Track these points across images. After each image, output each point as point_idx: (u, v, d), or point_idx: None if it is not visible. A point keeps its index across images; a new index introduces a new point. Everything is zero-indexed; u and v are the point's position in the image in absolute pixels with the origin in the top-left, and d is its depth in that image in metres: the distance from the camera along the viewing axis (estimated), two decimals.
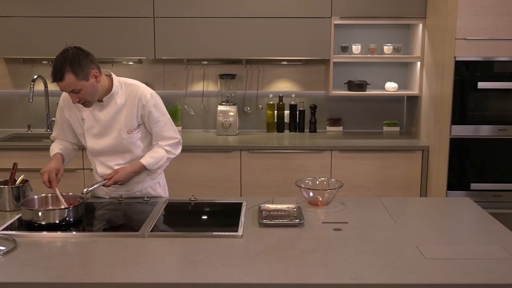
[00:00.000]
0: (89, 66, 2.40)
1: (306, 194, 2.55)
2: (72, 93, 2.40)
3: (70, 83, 2.35)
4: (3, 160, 3.88)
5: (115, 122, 2.56)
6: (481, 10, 3.45)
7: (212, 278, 1.77)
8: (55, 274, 1.80)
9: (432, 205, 2.71)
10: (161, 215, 2.40)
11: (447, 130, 3.63)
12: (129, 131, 2.57)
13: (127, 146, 2.60)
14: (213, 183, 3.97)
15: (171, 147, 2.64)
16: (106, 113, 2.56)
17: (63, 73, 2.33)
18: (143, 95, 2.55)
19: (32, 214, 2.22)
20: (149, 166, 2.59)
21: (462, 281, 1.76)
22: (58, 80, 2.35)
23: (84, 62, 2.38)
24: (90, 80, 2.41)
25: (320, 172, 3.93)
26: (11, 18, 4.06)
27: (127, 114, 2.56)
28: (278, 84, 4.51)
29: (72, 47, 2.40)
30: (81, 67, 2.36)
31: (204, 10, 4.03)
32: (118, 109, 2.56)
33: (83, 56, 2.38)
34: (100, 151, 2.61)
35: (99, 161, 2.65)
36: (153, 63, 4.44)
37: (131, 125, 2.57)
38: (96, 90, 2.46)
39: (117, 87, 2.55)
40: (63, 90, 2.41)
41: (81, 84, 2.37)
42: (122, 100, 2.56)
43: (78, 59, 2.36)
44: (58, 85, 2.38)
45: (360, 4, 4.02)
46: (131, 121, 2.57)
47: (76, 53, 2.37)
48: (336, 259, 1.92)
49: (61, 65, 2.33)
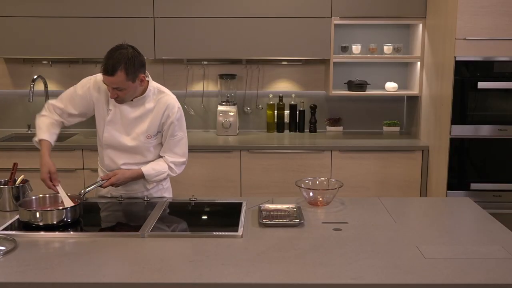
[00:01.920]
0: (140, 70, 2.43)
1: (306, 194, 2.55)
2: (115, 89, 2.40)
3: (118, 80, 2.36)
4: (3, 160, 3.88)
5: (138, 124, 2.57)
6: (481, 10, 3.45)
7: (212, 278, 1.77)
8: (55, 274, 1.80)
9: (432, 205, 2.71)
10: (161, 215, 2.40)
11: (447, 130, 3.63)
12: (148, 136, 2.57)
13: (141, 149, 2.60)
14: (213, 183, 3.97)
15: (175, 165, 2.63)
16: (132, 113, 2.56)
17: (116, 69, 2.33)
18: (171, 106, 2.57)
19: (30, 214, 2.22)
20: (148, 176, 2.59)
21: (462, 281, 1.76)
22: (109, 74, 2.34)
23: (138, 65, 2.40)
24: (136, 82, 2.43)
25: (320, 172, 3.93)
26: (11, 18, 4.06)
27: (152, 120, 2.56)
28: (278, 84, 4.51)
29: (130, 46, 2.42)
30: (134, 68, 2.38)
31: (204, 10, 4.03)
32: (145, 113, 2.56)
33: (138, 59, 2.40)
34: (114, 146, 2.60)
35: (108, 155, 2.63)
36: (153, 63, 4.44)
37: (152, 131, 2.57)
38: (136, 92, 2.48)
39: (150, 91, 2.56)
40: (107, 85, 2.40)
41: (127, 84, 2.39)
42: (151, 105, 2.56)
43: (133, 61, 2.38)
44: (106, 79, 2.37)
45: (360, 4, 4.02)
46: (154, 127, 2.57)
47: (134, 54, 2.39)
48: (336, 259, 1.92)
49: (117, 61, 2.34)
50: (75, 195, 2.42)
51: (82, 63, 4.45)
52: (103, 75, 2.38)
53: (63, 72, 4.48)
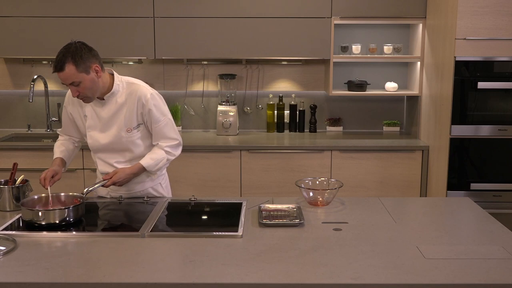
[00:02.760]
0: (90, 60, 2.43)
1: (306, 194, 2.55)
2: (72, 85, 2.42)
3: (70, 74, 2.38)
4: (3, 160, 3.89)
5: (114, 120, 2.58)
6: (481, 10, 3.45)
7: (212, 278, 1.77)
8: (55, 274, 1.80)
9: (432, 205, 2.71)
10: (161, 215, 2.40)
11: (447, 130, 3.63)
12: (128, 130, 2.58)
13: (126, 144, 2.60)
14: (213, 183, 3.97)
15: (171, 148, 2.63)
16: (106, 111, 2.58)
17: (63, 63, 2.36)
18: (143, 95, 2.56)
19: (32, 214, 2.22)
20: (148, 167, 2.59)
21: (462, 281, 1.76)
22: (58, 70, 2.37)
23: (86, 55, 2.42)
24: (90, 74, 2.43)
25: (320, 172, 3.93)
26: (11, 18, 4.06)
27: (127, 113, 2.57)
28: (278, 84, 4.51)
29: (76, 41, 2.44)
30: (83, 59, 2.39)
31: (204, 10, 4.03)
32: (118, 108, 2.57)
33: (85, 50, 2.42)
34: (100, 148, 2.63)
35: (99, 159, 2.67)
36: (153, 63, 4.44)
37: (130, 124, 2.58)
38: (96, 86, 2.47)
39: (118, 85, 2.57)
40: (63, 82, 2.43)
41: (81, 76, 2.39)
42: (123, 99, 2.57)
43: (80, 52, 2.40)
44: (59, 76, 2.40)
45: (360, 4, 4.02)
46: (131, 120, 2.57)
47: (79, 46, 2.42)
48: (336, 259, 1.92)
49: (63, 55, 2.38)
50: (77, 194, 2.42)
51: None
52: (57, 74, 2.40)
53: None
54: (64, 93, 4.50)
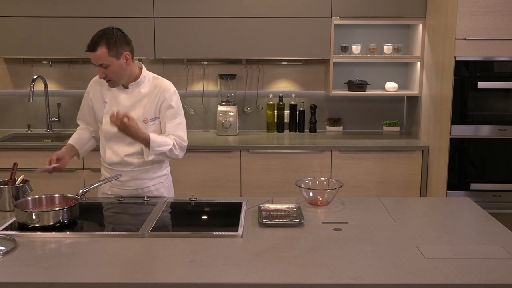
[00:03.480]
0: (123, 47, 2.51)
1: (306, 194, 2.55)
2: (101, 67, 2.48)
3: (101, 56, 2.45)
4: (3, 160, 3.89)
5: (134, 109, 2.60)
6: (481, 10, 3.45)
7: (212, 278, 1.77)
8: (55, 274, 1.80)
9: (432, 205, 2.71)
10: (161, 215, 2.40)
11: (447, 130, 3.63)
12: (145, 121, 2.61)
13: None
14: (213, 183, 3.97)
15: (179, 146, 2.61)
16: (128, 99, 2.61)
17: (97, 44, 2.44)
18: (167, 89, 2.63)
19: (26, 216, 2.20)
20: (153, 142, 2.51)
21: (462, 281, 1.76)
22: (91, 49, 2.45)
23: (120, 41, 2.50)
24: (120, 59, 2.50)
25: (320, 172, 3.93)
26: (11, 18, 4.06)
27: (148, 104, 2.61)
28: (278, 84, 4.51)
29: (114, 27, 2.52)
30: (116, 44, 2.47)
31: (204, 10, 4.03)
32: (140, 98, 2.61)
33: (120, 36, 2.51)
34: (114, 135, 2.61)
35: (109, 148, 2.66)
36: (153, 63, 4.44)
37: (149, 115, 2.61)
38: (124, 72, 2.54)
39: (144, 77, 2.64)
40: (93, 63, 2.49)
41: (111, 60, 2.47)
42: (146, 90, 2.62)
43: (115, 37, 2.48)
44: (90, 55, 2.47)
45: (360, 4, 4.03)
46: (150, 112, 2.61)
47: (116, 32, 2.50)
48: (336, 259, 1.92)
49: (98, 37, 2.46)
50: (72, 196, 2.40)
51: (82, 63, 4.45)
52: (88, 51, 2.47)
53: (63, 72, 4.48)
54: (64, 93, 4.51)
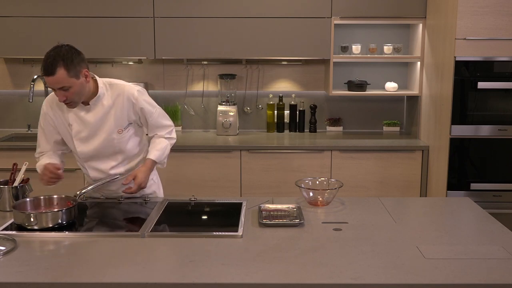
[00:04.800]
0: (80, 65, 2.39)
1: (306, 194, 2.55)
2: (61, 90, 2.36)
3: (61, 78, 2.32)
4: (3, 160, 3.88)
5: (104, 124, 2.54)
6: (481, 10, 3.45)
7: (212, 278, 1.77)
8: (55, 274, 1.80)
9: (432, 205, 2.71)
10: (161, 215, 2.40)
11: (447, 130, 3.63)
12: (119, 131, 2.57)
13: (118, 146, 2.59)
14: (213, 183, 3.97)
15: (169, 134, 2.71)
16: (93, 116, 2.53)
17: (55, 67, 2.30)
18: (131, 94, 2.55)
19: (24, 217, 2.19)
20: (158, 159, 2.62)
21: (462, 281, 1.76)
22: (49, 74, 2.31)
23: (76, 60, 2.36)
24: (80, 78, 2.38)
25: (320, 172, 3.93)
26: (11, 18, 4.06)
27: (116, 115, 2.55)
28: (278, 84, 4.51)
29: (65, 45, 2.38)
30: (73, 64, 2.34)
31: (204, 10, 4.03)
32: (106, 111, 2.53)
33: (75, 54, 2.37)
34: (91, 155, 2.58)
35: (90, 166, 2.62)
36: (153, 63, 4.44)
37: (121, 124, 2.56)
38: (84, 90, 2.44)
39: (102, 88, 2.53)
40: (52, 87, 2.36)
41: (71, 81, 2.35)
42: (110, 102, 2.54)
43: (71, 56, 2.34)
44: (48, 80, 2.34)
45: (360, 4, 4.02)
46: (121, 121, 2.56)
47: (70, 50, 2.36)
48: (336, 259, 1.92)
49: (53, 59, 2.31)
50: (70, 197, 2.39)
51: None
52: (45, 77, 2.34)
53: None
54: None
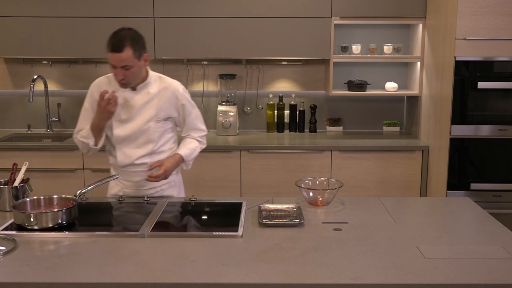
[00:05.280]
0: (144, 48, 2.53)
1: (306, 194, 2.55)
2: (122, 68, 2.45)
3: (126, 57, 2.42)
4: (3, 160, 3.88)
5: (145, 110, 2.61)
6: (481, 10, 3.45)
7: (212, 278, 1.77)
8: (55, 274, 1.80)
9: (432, 205, 2.71)
10: (161, 215, 2.40)
11: (447, 130, 3.63)
12: (157, 120, 2.63)
13: (152, 135, 2.63)
14: (213, 183, 3.97)
15: (202, 138, 2.79)
16: (137, 100, 2.61)
17: (124, 45, 2.41)
18: (176, 90, 2.66)
19: (24, 217, 2.19)
20: (186, 157, 2.67)
21: (462, 281, 1.76)
22: (117, 50, 2.40)
23: (142, 42, 2.51)
24: (141, 61, 2.51)
25: (320, 172, 3.93)
26: (11, 18, 4.06)
27: (158, 104, 2.62)
28: (278, 84, 4.51)
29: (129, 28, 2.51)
30: (139, 46, 2.48)
31: (204, 10, 4.03)
32: (150, 98, 2.62)
33: (141, 38, 2.52)
34: (124, 138, 2.62)
35: (121, 150, 2.65)
36: (153, 63, 4.44)
37: (160, 115, 2.63)
38: (141, 73, 2.56)
39: (151, 78, 2.65)
40: (114, 64, 2.43)
41: (134, 62, 2.46)
42: (155, 90, 2.63)
43: (138, 38, 2.49)
44: (113, 57, 2.41)
45: (360, 4, 4.02)
46: (162, 112, 2.63)
47: (137, 32, 2.51)
48: (336, 259, 1.92)
49: (123, 38, 2.43)
50: (70, 197, 2.38)
51: (82, 63, 4.45)
52: (111, 53, 2.42)
53: (63, 72, 4.48)
54: (64, 93, 4.51)
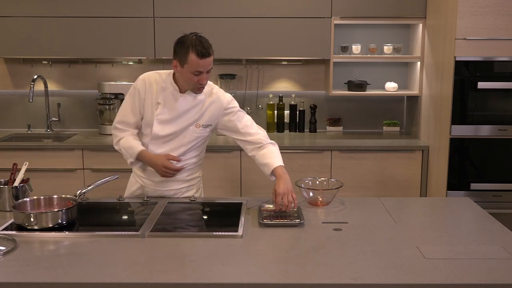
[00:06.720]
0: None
1: (306, 194, 2.55)
2: (207, 73, 2.52)
3: (211, 61, 2.50)
4: (3, 160, 3.88)
5: (188, 113, 2.61)
6: (481, 10, 3.45)
7: (212, 278, 1.77)
8: (55, 274, 1.80)
9: (432, 205, 2.71)
10: (161, 215, 2.40)
11: (447, 130, 3.63)
12: (197, 125, 2.62)
13: (188, 139, 2.63)
14: (213, 183, 3.97)
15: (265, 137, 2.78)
16: (183, 103, 2.60)
17: (211, 50, 2.50)
18: (225, 100, 2.66)
19: (24, 217, 2.18)
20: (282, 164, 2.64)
21: (462, 281, 1.76)
22: (208, 55, 2.47)
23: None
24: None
25: (320, 172, 3.93)
26: (11, 18, 4.06)
27: (203, 110, 2.62)
28: (278, 84, 4.51)
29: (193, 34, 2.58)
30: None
31: (204, 10, 4.03)
32: (195, 103, 2.61)
33: None
34: (162, 137, 2.62)
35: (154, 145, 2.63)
36: (153, 63, 4.44)
37: (201, 120, 2.63)
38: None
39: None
40: (202, 69, 2.47)
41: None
42: (202, 96, 2.62)
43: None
44: (203, 62, 2.46)
45: (360, 4, 4.03)
46: (203, 118, 2.63)
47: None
48: (336, 259, 1.92)
49: (209, 44, 2.52)
50: (70, 197, 2.38)
51: (82, 63, 4.45)
52: (202, 59, 2.45)
53: (63, 72, 4.48)
54: (64, 93, 4.51)
